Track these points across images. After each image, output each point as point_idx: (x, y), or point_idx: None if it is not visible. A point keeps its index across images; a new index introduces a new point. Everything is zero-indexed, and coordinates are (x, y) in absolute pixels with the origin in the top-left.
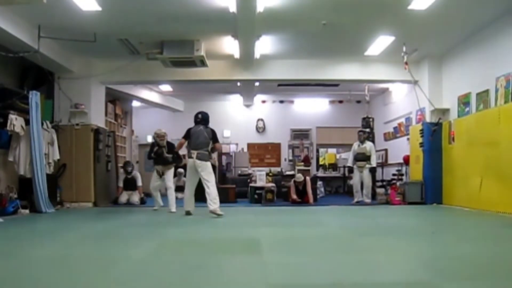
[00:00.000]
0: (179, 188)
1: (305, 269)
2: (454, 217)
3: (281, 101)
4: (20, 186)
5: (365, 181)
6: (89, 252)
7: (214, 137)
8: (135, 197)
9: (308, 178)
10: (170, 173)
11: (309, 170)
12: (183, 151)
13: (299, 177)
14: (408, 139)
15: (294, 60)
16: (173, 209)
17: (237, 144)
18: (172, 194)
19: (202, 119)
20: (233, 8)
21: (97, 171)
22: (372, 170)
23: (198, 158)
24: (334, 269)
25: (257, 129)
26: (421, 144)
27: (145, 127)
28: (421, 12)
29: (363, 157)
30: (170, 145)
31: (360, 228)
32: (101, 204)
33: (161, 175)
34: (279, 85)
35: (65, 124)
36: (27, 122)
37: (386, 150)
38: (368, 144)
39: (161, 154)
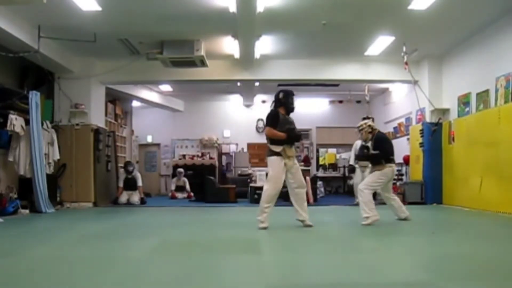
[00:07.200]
0: (179, 188)
1: (305, 269)
2: (454, 217)
3: None
4: (20, 186)
5: None
6: (88, 252)
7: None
8: (135, 197)
9: (308, 178)
10: (368, 172)
11: (309, 170)
12: None
13: None
14: (408, 139)
15: (294, 60)
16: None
17: (237, 144)
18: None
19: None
20: (233, 8)
21: (97, 171)
22: None
23: None
24: (334, 269)
25: (257, 129)
26: (421, 144)
27: (145, 127)
28: (421, 12)
29: None
30: (377, 140)
31: (360, 228)
32: (101, 204)
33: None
34: (279, 85)
35: (65, 124)
36: (27, 122)
37: None
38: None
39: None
